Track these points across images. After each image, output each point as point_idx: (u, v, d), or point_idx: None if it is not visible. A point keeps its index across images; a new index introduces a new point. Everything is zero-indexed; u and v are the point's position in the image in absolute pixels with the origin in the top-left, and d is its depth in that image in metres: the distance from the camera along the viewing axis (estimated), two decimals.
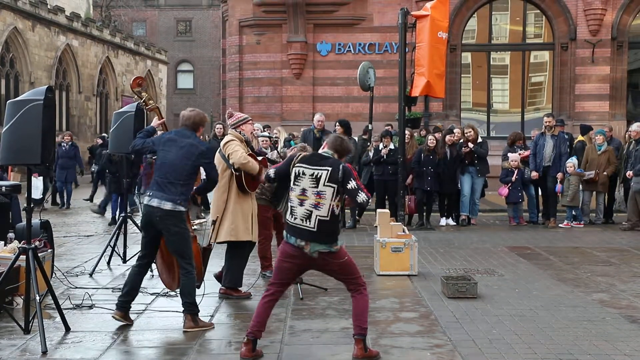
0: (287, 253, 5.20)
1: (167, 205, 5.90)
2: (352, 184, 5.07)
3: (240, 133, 7.22)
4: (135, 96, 6.94)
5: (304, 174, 5.16)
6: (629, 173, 12.45)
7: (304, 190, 5.13)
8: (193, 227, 6.76)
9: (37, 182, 15.43)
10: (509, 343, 5.59)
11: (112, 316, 6.11)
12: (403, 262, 8.32)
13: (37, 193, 15.21)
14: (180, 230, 5.99)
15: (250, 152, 7.18)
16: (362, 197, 5.08)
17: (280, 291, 5.34)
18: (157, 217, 5.92)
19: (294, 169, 5.22)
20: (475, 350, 5.43)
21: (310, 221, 5.07)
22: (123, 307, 6.12)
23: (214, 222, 7.11)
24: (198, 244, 6.67)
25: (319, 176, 5.10)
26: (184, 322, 6.03)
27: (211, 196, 7.34)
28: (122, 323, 6.08)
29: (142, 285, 7.55)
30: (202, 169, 6.30)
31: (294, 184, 5.19)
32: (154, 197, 5.97)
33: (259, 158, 7.37)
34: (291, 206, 5.18)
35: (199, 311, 6.10)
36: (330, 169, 5.10)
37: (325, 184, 5.08)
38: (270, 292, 5.30)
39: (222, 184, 7.06)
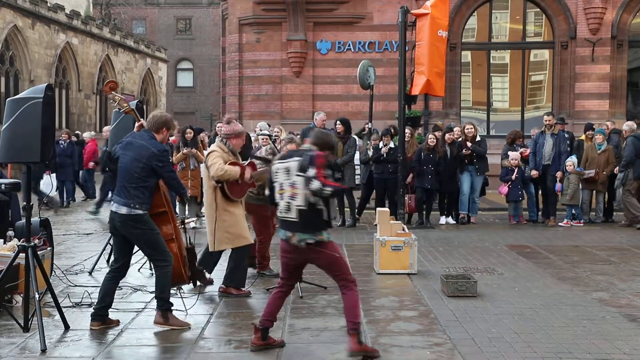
0: (282, 248, 5.40)
1: (123, 210, 5.85)
2: (310, 172, 5.06)
3: (227, 145, 7.22)
4: (111, 100, 6.91)
5: (278, 169, 5.31)
6: (616, 169, 12.67)
7: (281, 185, 5.28)
8: (184, 225, 6.75)
9: (50, 179, 15.46)
10: (509, 342, 5.59)
11: (90, 329, 5.94)
12: (403, 260, 8.32)
13: (49, 190, 15.25)
14: (141, 231, 5.91)
15: (234, 160, 7.18)
16: (315, 184, 5.02)
17: (289, 285, 5.54)
18: (118, 222, 5.91)
19: (272, 168, 5.38)
20: (474, 349, 5.42)
21: (291, 212, 5.21)
22: (99, 316, 6.00)
23: (182, 223, 7.07)
24: (186, 244, 6.62)
25: (289, 168, 5.22)
26: (154, 318, 6.04)
27: None
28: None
29: (141, 284, 7.61)
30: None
31: (273, 182, 5.35)
32: (114, 202, 5.98)
33: (246, 162, 7.41)
34: (277, 201, 5.34)
35: (170, 307, 6.04)
36: (299, 159, 5.18)
37: (296, 174, 5.17)
38: (280, 286, 5.51)
39: (209, 192, 7.16)
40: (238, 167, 7.11)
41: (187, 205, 12.45)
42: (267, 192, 5.51)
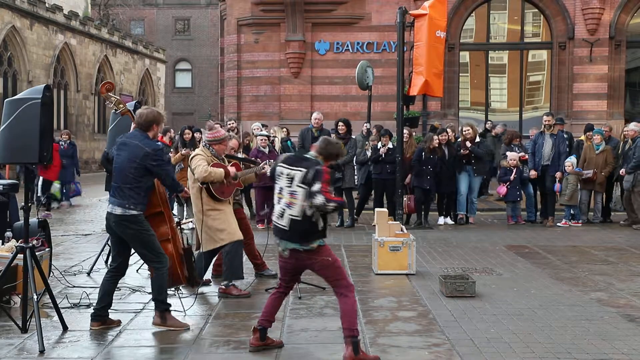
0: (279, 253, 5.38)
1: (117, 210, 5.85)
2: (316, 187, 5.01)
3: (210, 150, 7.27)
4: (106, 101, 6.91)
5: (282, 173, 5.27)
6: (622, 171, 12.55)
7: (281, 189, 5.25)
8: (181, 227, 6.77)
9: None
10: (507, 342, 5.59)
11: (90, 329, 5.96)
12: (401, 261, 8.32)
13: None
14: (136, 232, 5.89)
15: (217, 161, 7.26)
16: (319, 199, 4.97)
17: (288, 287, 5.53)
18: (112, 223, 5.91)
19: (276, 168, 5.36)
20: (473, 349, 5.42)
21: (283, 219, 5.19)
22: (99, 316, 6.01)
23: (178, 224, 7.13)
24: (181, 246, 6.64)
25: (293, 176, 5.18)
26: (153, 319, 6.04)
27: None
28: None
29: (140, 285, 7.61)
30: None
31: (275, 183, 5.33)
32: (109, 202, 5.98)
33: (231, 162, 7.48)
34: (273, 204, 5.34)
35: (168, 307, 6.04)
36: (304, 170, 5.14)
37: (298, 184, 5.13)
38: (279, 287, 5.51)
39: (195, 195, 7.23)
40: (222, 169, 7.19)
41: (185, 206, 12.45)
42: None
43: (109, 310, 6.12)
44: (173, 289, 6.76)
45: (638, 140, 12.54)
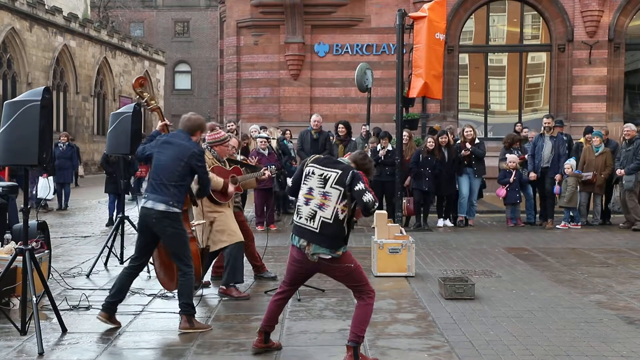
0: (293, 257, 5.23)
1: (161, 207, 5.91)
2: (360, 186, 4.94)
3: (212, 152, 7.28)
4: (137, 96, 6.94)
5: (313, 173, 5.14)
6: (620, 171, 12.51)
7: (310, 190, 5.11)
8: (192, 228, 6.78)
9: (47, 182, 15.47)
10: (506, 344, 5.59)
11: (97, 317, 6.06)
12: (400, 263, 8.32)
13: (47, 193, 15.25)
14: (177, 231, 5.99)
15: (218, 164, 7.30)
16: (368, 196, 4.90)
17: (291, 290, 5.46)
18: (153, 219, 5.93)
19: (305, 168, 5.22)
20: (472, 351, 5.43)
21: (314, 221, 5.04)
22: (109, 309, 6.07)
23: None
24: (197, 245, 6.71)
25: (327, 177, 5.06)
26: (179, 323, 6.03)
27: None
28: (108, 326, 6.04)
29: (139, 287, 7.60)
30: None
31: (303, 183, 5.19)
32: (148, 199, 6.01)
33: (232, 167, 7.49)
34: (297, 205, 5.19)
35: (195, 312, 6.09)
36: (340, 172, 5.05)
37: (333, 185, 5.02)
38: (281, 291, 5.41)
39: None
40: (222, 180, 7.20)
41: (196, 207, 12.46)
42: (289, 183, 5.41)
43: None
44: (174, 291, 6.77)
45: (637, 140, 12.55)
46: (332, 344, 5.62)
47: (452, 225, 13.00)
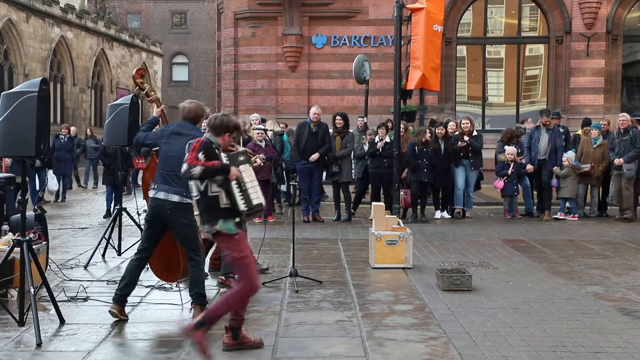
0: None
1: (175, 198, 5.89)
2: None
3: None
4: (137, 87, 6.92)
5: None
6: (619, 160, 12.44)
7: None
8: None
9: (50, 174, 15.42)
10: (503, 335, 5.61)
11: (109, 310, 6.05)
12: (398, 255, 8.33)
13: (53, 184, 15.20)
14: (190, 222, 5.99)
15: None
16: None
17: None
18: (167, 210, 5.90)
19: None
20: (469, 342, 5.44)
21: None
22: (120, 301, 6.07)
23: None
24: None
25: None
26: (192, 314, 6.04)
27: None
28: (117, 318, 6.05)
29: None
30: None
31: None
32: (159, 190, 5.95)
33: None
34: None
35: (207, 303, 6.08)
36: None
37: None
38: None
39: None
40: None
41: None
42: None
43: (106, 304, 6.13)
44: (177, 282, 6.79)
45: (633, 129, 12.54)
46: (329, 335, 5.63)
47: (450, 217, 13.01)
